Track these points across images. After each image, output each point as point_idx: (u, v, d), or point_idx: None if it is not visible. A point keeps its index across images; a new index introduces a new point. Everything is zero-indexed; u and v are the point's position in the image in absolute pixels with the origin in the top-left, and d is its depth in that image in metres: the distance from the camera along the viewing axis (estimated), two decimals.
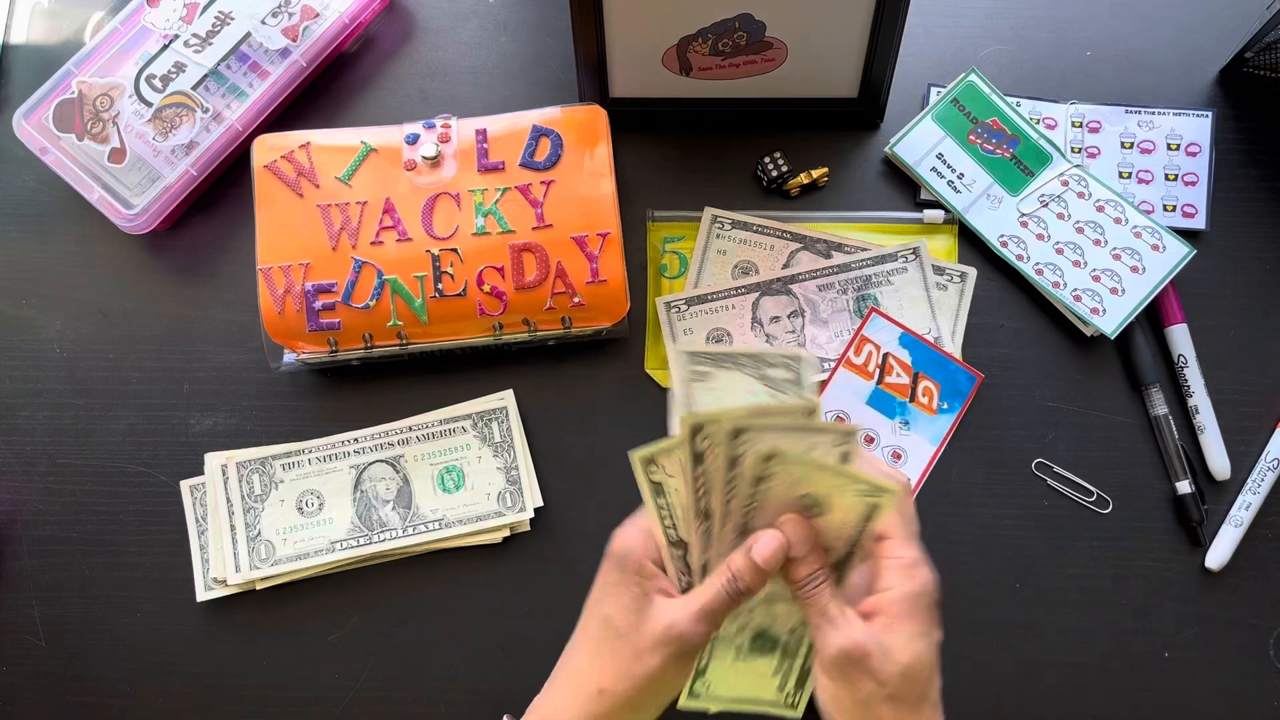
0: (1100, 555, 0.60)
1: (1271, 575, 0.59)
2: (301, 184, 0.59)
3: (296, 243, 0.58)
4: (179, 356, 0.63)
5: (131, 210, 0.62)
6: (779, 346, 0.61)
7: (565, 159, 0.59)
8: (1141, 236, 0.62)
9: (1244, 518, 0.59)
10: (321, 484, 0.60)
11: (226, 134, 0.63)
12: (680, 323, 0.62)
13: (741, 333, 0.62)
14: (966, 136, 0.64)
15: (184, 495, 0.61)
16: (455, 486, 0.60)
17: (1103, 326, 0.61)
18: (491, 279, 0.58)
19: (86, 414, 0.63)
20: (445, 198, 0.59)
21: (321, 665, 0.59)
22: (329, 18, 0.65)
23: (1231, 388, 0.61)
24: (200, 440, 0.62)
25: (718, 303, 0.62)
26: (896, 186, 0.65)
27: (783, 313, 0.62)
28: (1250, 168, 0.65)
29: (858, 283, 0.62)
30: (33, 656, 0.60)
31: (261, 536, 0.59)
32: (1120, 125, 0.65)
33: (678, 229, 0.64)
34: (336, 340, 0.58)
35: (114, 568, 0.61)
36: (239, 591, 0.60)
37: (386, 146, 0.60)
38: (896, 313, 0.62)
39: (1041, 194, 0.63)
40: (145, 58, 0.64)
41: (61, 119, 0.63)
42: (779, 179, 0.64)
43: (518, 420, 0.61)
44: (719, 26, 0.58)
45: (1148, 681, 0.58)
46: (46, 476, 0.62)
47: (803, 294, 0.62)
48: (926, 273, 0.62)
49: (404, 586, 0.60)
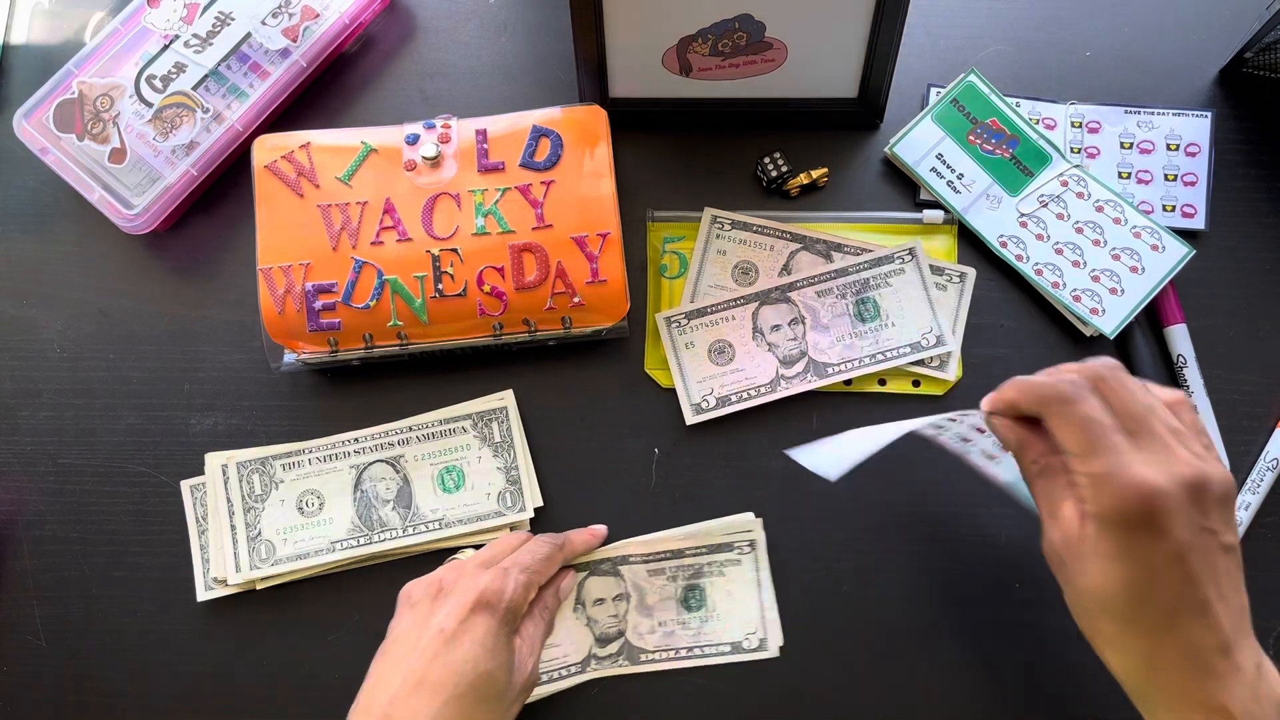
0: None
1: (1271, 575, 0.59)
2: (302, 184, 0.59)
3: (297, 243, 0.58)
4: (179, 356, 0.63)
5: (132, 210, 0.62)
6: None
7: (565, 159, 0.59)
8: (1141, 237, 0.62)
9: (1243, 518, 0.59)
10: (322, 484, 0.60)
11: (227, 134, 0.63)
12: (681, 337, 0.62)
13: (743, 343, 0.62)
14: (966, 137, 0.64)
15: (184, 495, 0.61)
16: (455, 486, 0.60)
17: (1102, 326, 0.61)
18: (491, 279, 0.58)
19: (87, 414, 0.63)
20: (445, 198, 0.59)
21: (321, 665, 0.59)
22: (329, 18, 0.65)
23: (1231, 388, 0.62)
24: (200, 440, 0.62)
25: (717, 315, 0.62)
26: (896, 187, 0.65)
27: (783, 321, 0.62)
28: (1250, 168, 0.65)
29: (856, 286, 0.62)
30: (33, 656, 0.60)
31: (262, 536, 0.59)
32: (1120, 125, 0.65)
33: (678, 229, 0.64)
34: (336, 340, 0.58)
35: (114, 568, 0.61)
36: (239, 591, 0.60)
37: (387, 147, 0.60)
38: (898, 314, 0.62)
39: (1041, 194, 0.63)
40: (146, 58, 0.64)
41: (62, 119, 0.63)
42: (779, 179, 0.64)
43: (518, 420, 0.61)
44: (719, 27, 0.58)
45: None
46: (47, 476, 0.62)
47: (802, 301, 0.62)
48: (924, 272, 0.62)
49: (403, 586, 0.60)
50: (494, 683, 0.46)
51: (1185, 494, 0.39)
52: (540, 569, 0.52)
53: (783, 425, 0.61)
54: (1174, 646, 0.40)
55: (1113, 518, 0.39)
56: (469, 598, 0.47)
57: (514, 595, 0.48)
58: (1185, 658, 0.40)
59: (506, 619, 0.48)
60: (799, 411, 0.61)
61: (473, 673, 0.46)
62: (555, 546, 0.54)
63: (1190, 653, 0.40)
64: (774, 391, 0.61)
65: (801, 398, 0.61)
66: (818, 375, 0.61)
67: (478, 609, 0.47)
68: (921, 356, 0.61)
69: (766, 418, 0.61)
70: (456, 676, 0.45)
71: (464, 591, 0.48)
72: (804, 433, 0.61)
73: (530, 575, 0.51)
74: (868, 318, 0.62)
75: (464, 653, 0.46)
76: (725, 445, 0.61)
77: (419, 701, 0.45)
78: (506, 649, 0.48)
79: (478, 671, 0.46)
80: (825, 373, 0.61)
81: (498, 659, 0.47)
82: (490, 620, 0.47)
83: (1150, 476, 0.39)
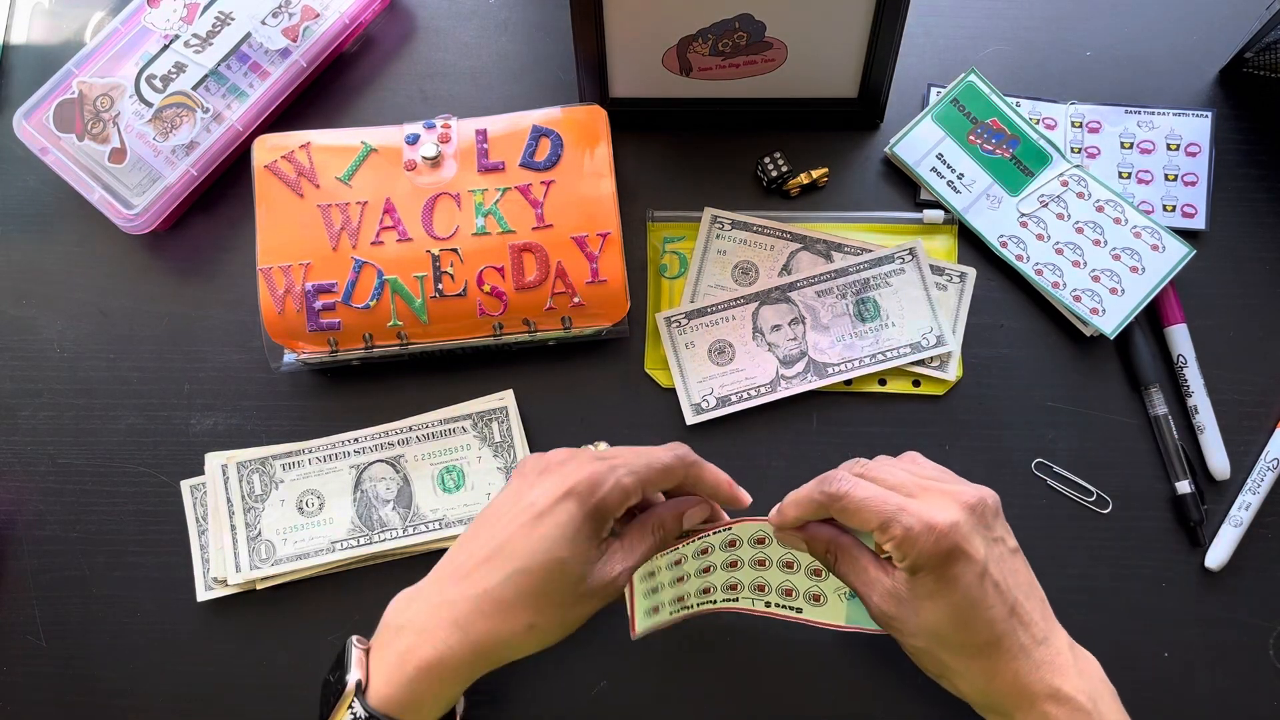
0: (1100, 555, 0.60)
1: (1271, 575, 0.59)
2: (302, 184, 0.59)
3: (297, 243, 0.58)
4: (179, 356, 0.63)
5: (132, 210, 0.62)
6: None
7: (565, 159, 0.59)
8: (1141, 236, 0.62)
9: (1244, 518, 0.59)
10: (322, 484, 0.60)
11: (227, 134, 0.63)
12: (681, 337, 0.62)
13: (743, 343, 0.62)
14: (966, 137, 0.64)
15: (184, 495, 0.61)
16: (455, 486, 0.60)
17: (1102, 326, 0.61)
18: (491, 279, 0.58)
19: (87, 414, 0.63)
20: (445, 198, 0.59)
21: (321, 665, 0.59)
22: (329, 18, 0.65)
23: (1231, 388, 0.62)
24: (200, 440, 0.62)
25: (717, 314, 0.62)
26: (896, 187, 0.65)
27: (783, 321, 0.62)
28: (1250, 168, 0.65)
29: (856, 286, 0.62)
30: (33, 656, 0.60)
31: (262, 536, 0.59)
32: (1120, 125, 0.65)
33: (678, 229, 0.64)
34: (337, 340, 0.58)
35: (114, 568, 0.61)
36: (239, 591, 0.60)
37: (387, 146, 0.60)
38: (898, 314, 0.62)
39: (1041, 194, 0.63)
40: (146, 58, 0.64)
41: (62, 119, 0.63)
42: (779, 179, 0.64)
43: (518, 420, 0.61)
44: (719, 27, 0.58)
45: (1148, 681, 0.58)
46: (47, 476, 0.62)
47: (802, 301, 0.62)
48: (924, 272, 0.62)
49: (404, 587, 0.60)
50: (566, 572, 0.46)
51: (972, 517, 0.45)
52: (651, 477, 0.49)
53: (783, 426, 0.61)
54: (1006, 652, 0.45)
55: (928, 563, 0.44)
56: (566, 483, 0.47)
57: (608, 493, 0.47)
58: (1018, 659, 0.45)
59: (594, 514, 0.47)
60: (799, 412, 0.61)
61: (544, 555, 0.46)
62: (680, 460, 0.50)
63: (1019, 653, 0.45)
64: (774, 391, 0.61)
65: (802, 398, 0.61)
66: (818, 375, 0.61)
67: (569, 495, 0.47)
68: (922, 356, 0.61)
69: (767, 418, 0.61)
70: (529, 554, 0.46)
71: (564, 476, 0.48)
72: (804, 433, 0.61)
73: (635, 479, 0.48)
74: (868, 317, 0.62)
75: (544, 532, 0.46)
76: (726, 446, 0.61)
77: (493, 566, 0.47)
78: (588, 542, 0.47)
79: (550, 556, 0.46)
80: (825, 373, 0.61)
81: (575, 549, 0.46)
82: (577, 510, 0.47)
83: (941, 517, 0.44)
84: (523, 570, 0.46)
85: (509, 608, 0.46)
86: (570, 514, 0.47)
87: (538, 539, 0.46)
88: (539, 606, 0.46)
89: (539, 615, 0.47)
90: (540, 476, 0.49)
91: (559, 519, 0.47)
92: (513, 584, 0.46)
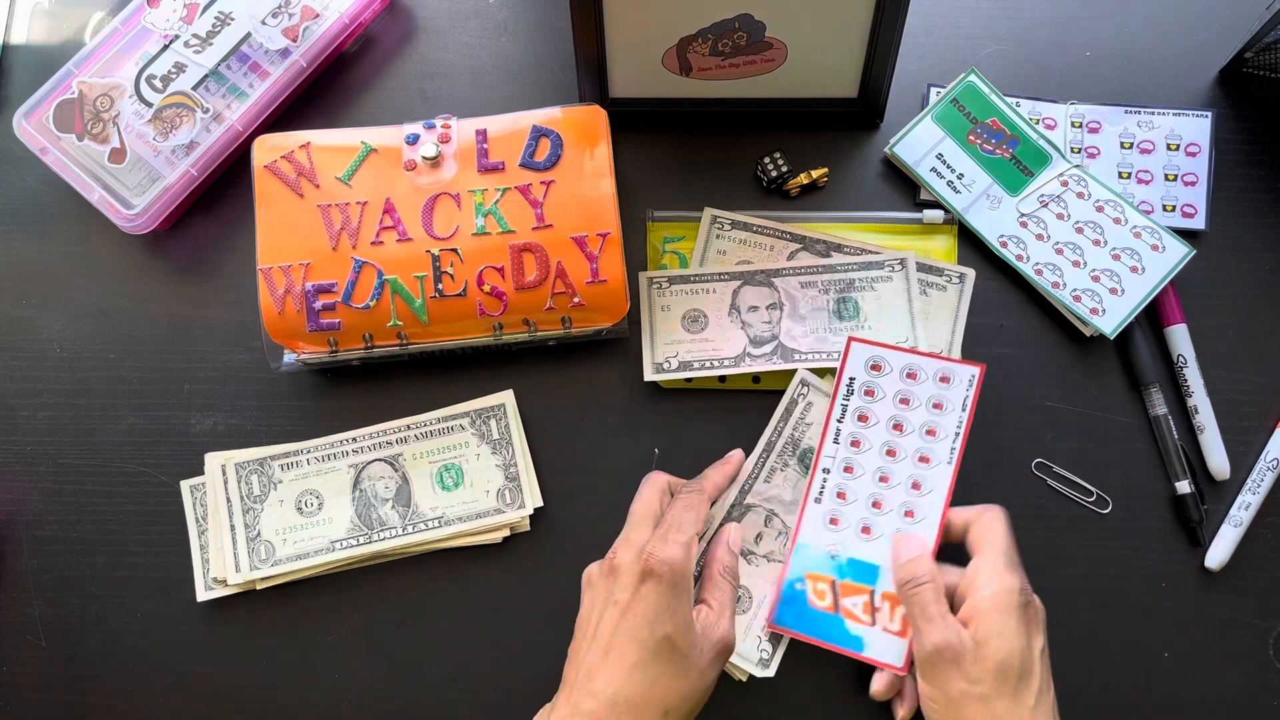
0: (1100, 555, 0.60)
1: (1271, 575, 0.59)
2: (302, 184, 0.59)
3: (296, 243, 0.58)
4: (179, 356, 0.63)
5: (132, 210, 0.62)
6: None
7: (565, 159, 0.59)
8: (1141, 236, 0.62)
9: (1243, 518, 0.59)
10: (320, 484, 0.60)
11: (227, 134, 0.63)
12: (660, 298, 0.62)
13: (719, 317, 0.62)
14: (966, 137, 0.64)
15: (184, 495, 0.61)
16: (454, 484, 0.60)
17: (1102, 326, 0.61)
18: (491, 279, 0.58)
19: (87, 414, 0.63)
20: (445, 198, 0.59)
21: (321, 665, 0.60)
22: (329, 18, 0.65)
23: (1231, 388, 0.62)
24: (200, 440, 0.62)
25: (699, 285, 0.62)
26: (896, 187, 0.65)
27: (761, 303, 0.62)
28: (1250, 168, 0.65)
29: (841, 284, 0.62)
30: (33, 656, 0.60)
31: (261, 536, 0.59)
32: (1120, 125, 0.65)
33: (678, 229, 0.64)
34: (336, 340, 0.58)
35: (114, 568, 0.61)
36: (239, 591, 0.60)
37: (386, 147, 0.60)
38: (876, 319, 0.61)
39: (1041, 194, 0.63)
40: (145, 58, 0.64)
41: (62, 119, 0.63)
42: (779, 179, 0.64)
43: (516, 417, 0.61)
44: (719, 27, 0.58)
45: (1148, 681, 0.58)
46: (46, 476, 0.62)
47: (784, 288, 0.62)
48: (911, 284, 0.62)
49: (404, 586, 0.60)
50: (675, 645, 0.48)
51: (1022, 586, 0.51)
52: (694, 525, 0.53)
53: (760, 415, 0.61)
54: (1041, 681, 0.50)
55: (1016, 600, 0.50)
56: (637, 569, 0.50)
57: (675, 557, 0.50)
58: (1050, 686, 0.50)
59: (675, 582, 0.50)
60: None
61: (651, 637, 0.48)
62: (699, 495, 0.55)
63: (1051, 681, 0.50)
64: (738, 366, 0.60)
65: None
66: (784, 360, 0.61)
67: (645, 578, 0.49)
68: None
69: (767, 419, 0.61)
70: (639, 643, 0.48)
71: (631, 565, 0.50)
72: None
73: (686, 535, 0.52)
74: (846, 316, 0.62)
75: (640, 619, 0.49)
76: (726, 446, 0.61)
77: (610, 670, 0.48)
78: (683, 610, 0.50)
79: (655, 636, 0.48)
80: (792, 358, 0.61)
81: (675, 621, 0.49)
82: (659, 586, 0.49)
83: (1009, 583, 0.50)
84: (640, 662, 0.48)
85: (643, 703, 0.48)
86: (657, 592, 0.49)
87: (637, 628, 0.49)
88: (666, 686, 0.48)
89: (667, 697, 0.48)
90: (609, 579, 0.51)
91: (649, 601, 0.49)
92: (636, 680, 0.48)
